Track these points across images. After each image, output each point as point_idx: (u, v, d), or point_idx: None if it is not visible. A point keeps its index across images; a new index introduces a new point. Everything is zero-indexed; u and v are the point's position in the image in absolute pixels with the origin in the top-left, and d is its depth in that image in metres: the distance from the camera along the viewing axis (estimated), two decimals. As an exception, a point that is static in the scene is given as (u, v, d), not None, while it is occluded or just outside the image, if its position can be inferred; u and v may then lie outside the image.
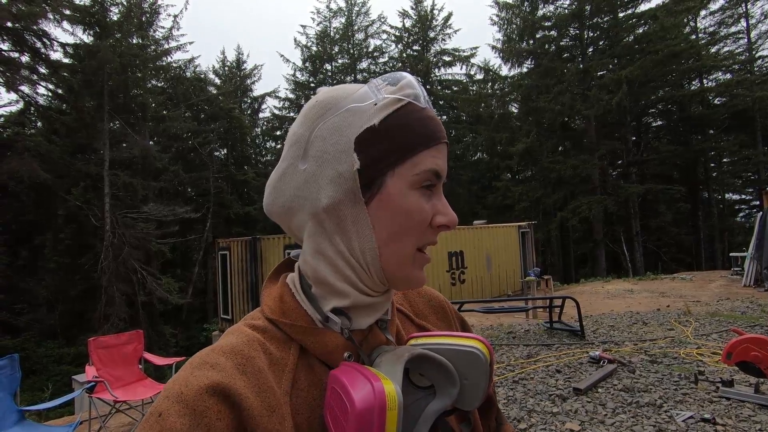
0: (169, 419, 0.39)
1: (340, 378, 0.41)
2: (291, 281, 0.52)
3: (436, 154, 0.48)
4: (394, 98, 0.47)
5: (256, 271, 9.30)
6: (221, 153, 26.01)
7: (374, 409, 0.37)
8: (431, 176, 0.47)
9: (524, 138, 22.62)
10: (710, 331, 5.93)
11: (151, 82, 20.87)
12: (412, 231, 0.47)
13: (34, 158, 14.03)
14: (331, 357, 0.48)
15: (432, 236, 0.49)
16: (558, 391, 3.97)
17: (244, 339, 0.47)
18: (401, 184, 0.46)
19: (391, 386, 0.39)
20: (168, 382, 0.44)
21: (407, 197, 0.46)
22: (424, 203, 0.47)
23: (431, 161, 0.47)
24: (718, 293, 9.51)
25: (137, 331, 4.63)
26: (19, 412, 3.31)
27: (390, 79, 0.49)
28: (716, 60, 21.33)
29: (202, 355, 0.45)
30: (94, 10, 16.03)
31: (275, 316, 0.49)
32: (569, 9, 22.06)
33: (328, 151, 0.47)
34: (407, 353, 0.44)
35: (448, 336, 0.49)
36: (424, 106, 0.48)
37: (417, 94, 0.48)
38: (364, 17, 28.42)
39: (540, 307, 8.03)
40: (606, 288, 11.63)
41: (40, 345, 14.57)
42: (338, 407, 0.40)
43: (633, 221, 20.88)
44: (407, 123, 0.47)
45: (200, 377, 0.42)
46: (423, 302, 0.66)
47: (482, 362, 0.46)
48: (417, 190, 0.47)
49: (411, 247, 0.47)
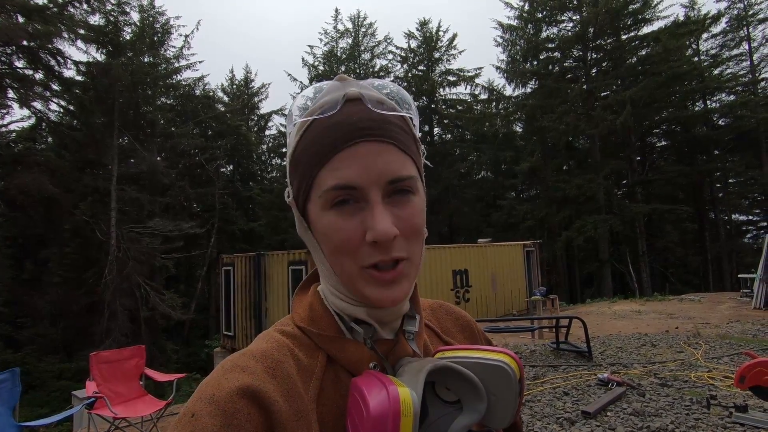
0: (202, 419, 0.39)
1: (358, 384, 0.41)
2: (321, 290, 0.53)
3: (340, 165, 0.43)
4: (301, 122, 0.47)
5: (260, 288, 9.26)
6: (227, 169, 26.24)
7: (389, 415, 0.36)
8: (338, 192, 0.43)
9: (529, 157, 22.71)
10: (721, 354, 5.80)
11: (160, 99, 21.25)
12: (342, 251, 0.45)
13: (44, 173, 14.21)
14: (356, 367, 0.48)
15: (374, 254, 0.43)
16: (566, 414, 3.87)
17: (274, 344, 0.48)
18: (316, 209, 0.46)
19: (406, 392, 0.38)
20: (200, 384, 0.45)
21: (322, 220, 0.45)
22: (341, 222, 0.44)
23: (332, 176, 0.43)
24: (727, 315, 9.34)
25: (139, 347, 4.59)
26: (17, 428, 3.26)
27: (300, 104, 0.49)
28: (719, 81, 21.51)
29: (234, 358, 0.46)
30: (108, 29, 16.47)
31: (304, 324, 0.50)
32: (573, 31, 22.41)
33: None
34: (430, 364, 0.43)
35: (476, 350, 0.48)
36: (333, 112, 0.45)
37: (329, 102, 0.45)
38: (370, 38, 28.98)
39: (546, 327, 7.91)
40: (613, 309, 11.46)
41: (41, 360, 14.46)
42: (356, 413, 0.40)
43: (639, 241, 20.70)
44: (309, 144, 0.46)
45: (231, 380, 0.42)
46: (450, 320, 0.66)
47: (511, 377, 0.44)
48: (331, 209, 0.44)
49: (350, 265, 0.45)
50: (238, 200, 25.00)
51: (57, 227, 15.92)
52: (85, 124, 16.11)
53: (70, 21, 14.48)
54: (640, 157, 23.86)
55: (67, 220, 15.71)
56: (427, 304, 0.65)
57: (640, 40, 21.30)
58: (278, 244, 21.23)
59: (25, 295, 15.21)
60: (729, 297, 12.37)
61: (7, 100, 14.44)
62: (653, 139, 24.87)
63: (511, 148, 25.37)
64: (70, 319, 16.00)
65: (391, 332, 0.51)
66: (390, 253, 0.44)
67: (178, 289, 19.85)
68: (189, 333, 19.86)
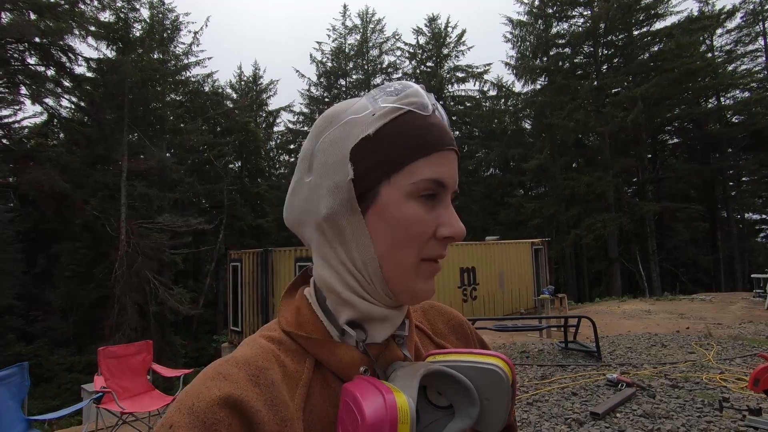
0: (180, 431, 0.38)
1: (351, 391, 0.39)
2: (308, 294, 0.51)
3: (438, 162, 0.46)
4: (392, 107, 0.46)
5: (267, 284, 9.30)
6: (235, 165, 26.36)
7: (385, 423, 0.35)
8: (431, 185, 0.45)
9: (537, 154, 22.51)
10: (734, 355, 5.71)
11: (170, 95, 21.38)
12: (412, 242, 0.45)
13: (55, 168, 14.38)
14: (346, 371, 0.46)
15: (438, 248, 0.47)
16: (574, 415, 3.82)
17: (259, 350, 0.46)
18: (397, 194, 0.45)
19: (403, 399, 0.37)
20: (180, 392, 0.44)
21: (403, 207, 0.45)
22: (423, 213, 0.45)
23: (430, 170, 0.45)
24: (740, 316, 9.19)
25: (146, 342, 4.62)
26: (26, 421, 3.29)
27: (390, 89, 0.48)
28: (734, 78, 21.09)
29: (216, 365, 0.44)
30: (118, 26, 16.61)
31: (291, 328, 0.49)
32: (583, 27, 22.13)
33: (327, 162, 0.47)
34: (423, 368, 0.42)
35: (468, 353, 0.47)
36: (428, 113, 0.47)
37: (421, 103, 0.47)
38: (378, 34, 28.88)
39: (554, 326, 7.85)
40: (622, 308, 11.34)
41: (53, 353, 14.69)
42: (349, 421, 0.38)
43: (649, 240, 20.46)
44: (405, 131, 0.46)
45: (212, 388, 0.41)
46: (442, 321, 0.64)
47: (503, 381, 0.44)
48: (415, 199, 0.45)
49: (412, 258, 0.46)
50: (246, 196, 25.10)
51: (68, 222, 16.12)
52: (96, 120, 16.27)
53: (80, 18, 14.60)
54: (651, 155, 23.53)
55: (77, 216, 15.89)
56: (417, 305, 0.64)
57: (652, 35, 20.96)
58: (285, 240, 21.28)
59: (37, 289, 15.45)
60: (741, 297, 12.18)
61: (20, 97, 14.65)
62: (665, 136, 24.49)
63: (520, 146, 25.16)
64: (81, 313, 16.22)
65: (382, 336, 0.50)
66: (446, 249, 0.48)
67: (187, 285, 20.03)
68: (197, 328, 20.04)
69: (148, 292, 15.46)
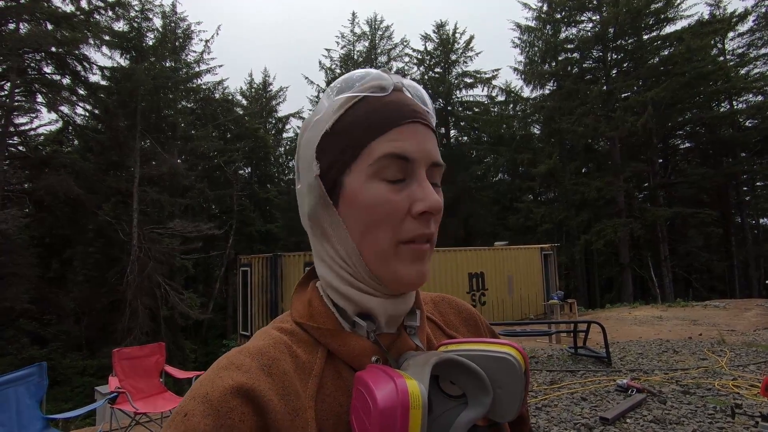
0: (194, 419, 0.39)
1: (363, 378, 0.40)
2: (320, 286, 0.52)
3: (396, 137, 0.45)
4: (346, 97, 0.47)
5: (277, 288, 9.36)
6: (245, 171, 26.62)
7: (397, 408, 0.36)
8: (391, 161, 0.45)
9: (547, 159, 22.37)
10: (747, 362, 5.62)
11: (181, 102, 21.70)
12: (382, 224, 0.45)
13: (70, 174, 14.67)
14: (358, 361, 0.47)
15: (417, 227, 0.45)
16: (584, 420, 3.80)
17: (271, 341, 0.47)
18: (360, 179, 0.45)
19: (414, 384, 0.37)
20: (195, 382, 0.45)
21: (367, 190, 0.45)
22: (388, 193, 0.45)
23: (388, 146, 0.45)
24: (754, 322, 9.04)
25: (159, 344, 4.69)
26: (44, 420, 3.37)
27: (343, 83, 0.49)
28: (746, 82, 20.81)
29: (229, 356, 0.45)
30: (132, 35, 16.97)
31: (303, 320, 0.50)
32: (592, 31, 22.04)
33: (303, 166, 0.50)
34: (435, 357, 0.43)
35: (480, 342, 0.47)
36: (385, 94, 0.47)
37: (378, 86, 0.48)
38: (387, 41, 29.06)
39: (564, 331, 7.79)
40: (633, 314, 11.21)
41: (66, 356, 14.89)
42: (362, 408, 0.39)
43: (661, 246, 20.19)
44: (360, 117, 0.46)
45: (225, 378, 0.42)
46: (454, 313, 0.64)
47: (516, 369, 0.44)
48: (379, 181, 0.45)
49: (387, 241, 0.45)
50: (256, 202, 25.32)
51: (81, 227, 16.40)
52: (109, 127, 16.56)
53: (95, 28, 14.95)
54: (663, 160, 23.28)
55: (91, 221, 16.16)
56: (429, 297, 0.65)
57: (662, 39, 20.80)
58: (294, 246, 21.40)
59: (51, 293, 15.69)
60: (756, 304, 11.96)
61: (37, 105, 15.00)
62: (676, 140, 24.21)
63: (529, 151, 25.05)
64: (93, 317, 16.43)
65: (393, 327, 0.50)
66: (429, 227, 0.46)
67: (197, 289, 20.21)
68: (207, 332, 20.18)
69: (159, 297, 15.62)
